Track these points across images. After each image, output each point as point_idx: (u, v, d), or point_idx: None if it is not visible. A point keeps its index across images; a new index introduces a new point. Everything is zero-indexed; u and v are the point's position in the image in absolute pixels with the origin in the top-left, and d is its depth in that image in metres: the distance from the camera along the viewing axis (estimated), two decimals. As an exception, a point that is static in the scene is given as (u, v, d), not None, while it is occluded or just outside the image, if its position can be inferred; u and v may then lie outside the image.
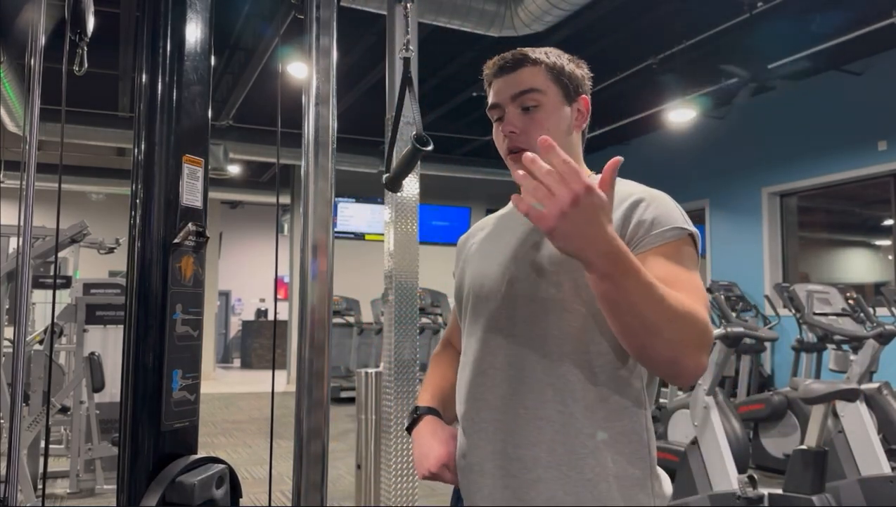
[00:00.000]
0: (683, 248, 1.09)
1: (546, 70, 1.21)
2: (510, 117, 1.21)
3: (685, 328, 0.96)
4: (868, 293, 7.36)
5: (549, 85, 1.21)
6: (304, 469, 1.22)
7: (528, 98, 1.20)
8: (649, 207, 1.12)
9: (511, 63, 1.22)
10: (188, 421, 1.30)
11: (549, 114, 1.20)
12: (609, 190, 0.94)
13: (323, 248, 1.24)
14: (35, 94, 1.49)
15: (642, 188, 1.18)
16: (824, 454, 3.00)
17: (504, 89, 1.22)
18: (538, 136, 1.07)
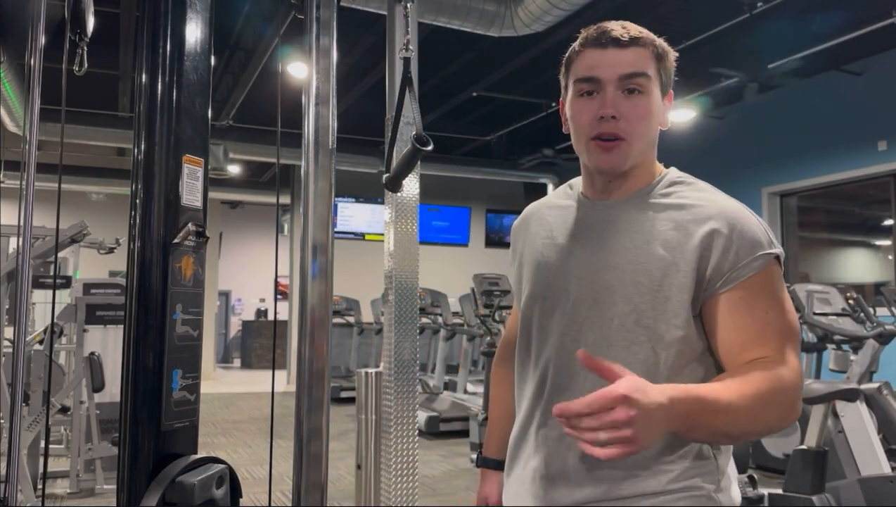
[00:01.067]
0: (769, 276, 1.03)
1: (653, 56, 1.12)
2: (612, 99, 1.09)
3: (771, 411, 0.96)
4: (868, 293, 7.36)
5: (655, 73, 1.12)
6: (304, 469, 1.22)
7: (636, 82, 1.10)
8: (731, 238, 1.04)
9: (626, 38, 1.10)
10: (188, 421, 1.31)
11: (651, 103, 1.12)
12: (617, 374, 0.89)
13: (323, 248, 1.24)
14: (35, 94, 1.49)
15: (717, 203, 1.09)
16: (824, 454, 3.00)
17: (609, 65, 1.10)
18: (639, 126, 1.10)
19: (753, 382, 0.95)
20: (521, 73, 7.58)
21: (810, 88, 7.47)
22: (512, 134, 9.70)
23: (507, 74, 7.56)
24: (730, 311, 1.02)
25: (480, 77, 7.72)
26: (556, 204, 1.28)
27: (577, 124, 1.14)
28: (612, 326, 1.08)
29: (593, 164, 1.14)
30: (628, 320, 1.07)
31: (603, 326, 1.09)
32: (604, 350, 1.07)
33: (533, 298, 1.20)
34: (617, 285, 1.08)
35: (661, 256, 1.07)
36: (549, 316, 1.15)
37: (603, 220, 1.15)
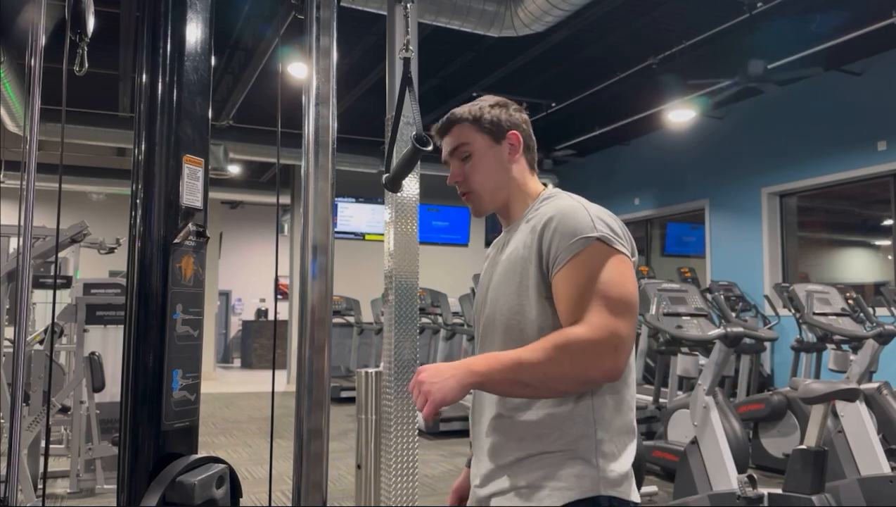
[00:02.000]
0: (592, 254, 1.24)
1: (469, 124, 1.43)
2: (453, 170, 1.45)
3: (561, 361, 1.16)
4: (868, 293, 7.37)
5: (475, 136, 1.42)
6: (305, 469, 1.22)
7: (460, 151, 1.43)
8: (555, 226, 1.28)
9: (444, 126, 1.46)
10: (188, 421, 1.31)
11: (480, 158, 1.42)
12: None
13: (323, 248, 1.24)
14: (35, 94, 1.49)
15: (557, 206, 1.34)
16: (824, 454, 3.00)
17: (444, 149, 1.47)
18: (476, 179, 1.43)
19: (545, 340, 1.19)
20: (521, 73, 7.58)
21: (810, 88, 7.47)
22: (512, 134, 9.69)
23: (507, 74, 7.56)
24: (559, 286, 1.25)
25: (480, 77, 7.72)
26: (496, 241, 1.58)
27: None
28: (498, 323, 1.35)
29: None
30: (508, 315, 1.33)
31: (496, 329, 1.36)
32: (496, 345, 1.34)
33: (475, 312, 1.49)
34: (501, 286, 1.36)
35: (522, 254, 1.33)
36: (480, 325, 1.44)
37: (504, 244, 1.44)
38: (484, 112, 1.43)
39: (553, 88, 8.08)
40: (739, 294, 7.57)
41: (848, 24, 5.94)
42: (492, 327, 1.37)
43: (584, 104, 8.27)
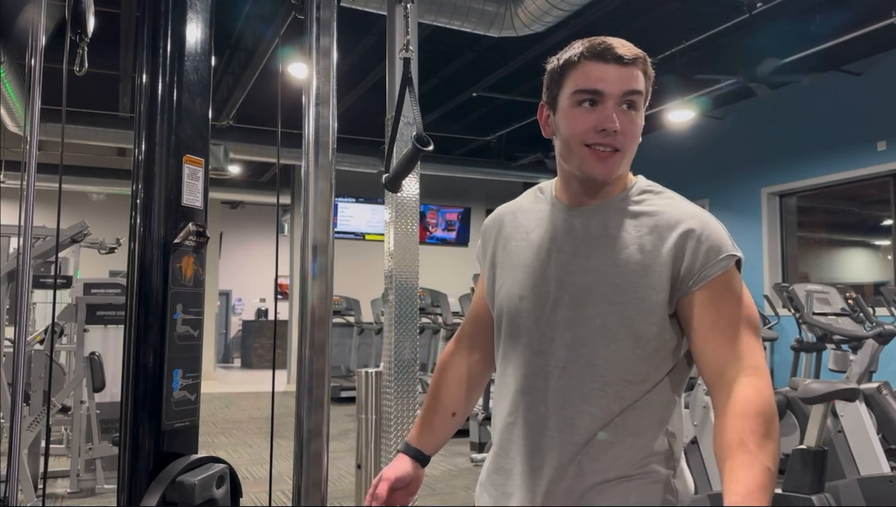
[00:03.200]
0: (733, 275, 1.16)
1: (642, 72, 1.18)
2: (616, 113, 1.15)
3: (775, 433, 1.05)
4: (867, 293, 7.37)
5: (644, 88, 1.19)
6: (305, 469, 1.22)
7: (634, 98, 1.16)
8: (701, 238, 1.14)
9: (629, 57, 1.16)
10: (188, 421, 1.31)
11: (641, 120, 1.19)
12: None
13: (323, 248, 1.24)
14: (35, 94, 1.49)
15: (685, 210, 1.18)
16: (824, 454, 3.00)
17: (613, 81, 1.15)
18: (633, 139, 1.18)
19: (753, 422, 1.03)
20: (521, 73, 7.58)
21: (810, 88, 7.47)
22: (511, 134, 9.70)
23: (507, 74, 7.56)
24: (704, 307, 1.12)
25: (480, 77, 7.72)
26: (529, 207, 1.32)
27: (573, 132, 1.18)
28: (593, 325, 1.15)
29: (585, 171, 1.19)
30: (608, 320, 1.14)
31: (581, 325, 1.16)
32: (582, 347, 1.15)
33: (510, 297, 1.25)
34: (596, 286, 1.16)
35: (637, 259, 1.15)
36: (529, 316, 1.21)
37: (581, 225, 1.21)
38: (651, 73, 1.20)
39: (553, 88, 8.07)
40: (739, 294, 7.56)
41: (848, 25, 5.94)
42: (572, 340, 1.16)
43: (584, 104, 8.26)
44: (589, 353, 1.15)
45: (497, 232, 1.34)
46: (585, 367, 1.15)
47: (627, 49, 1.17)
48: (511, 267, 1.27)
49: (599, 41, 1.17)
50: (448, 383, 1.42)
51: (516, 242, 1.28)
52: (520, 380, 1.21)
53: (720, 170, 8.78)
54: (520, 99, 8.38)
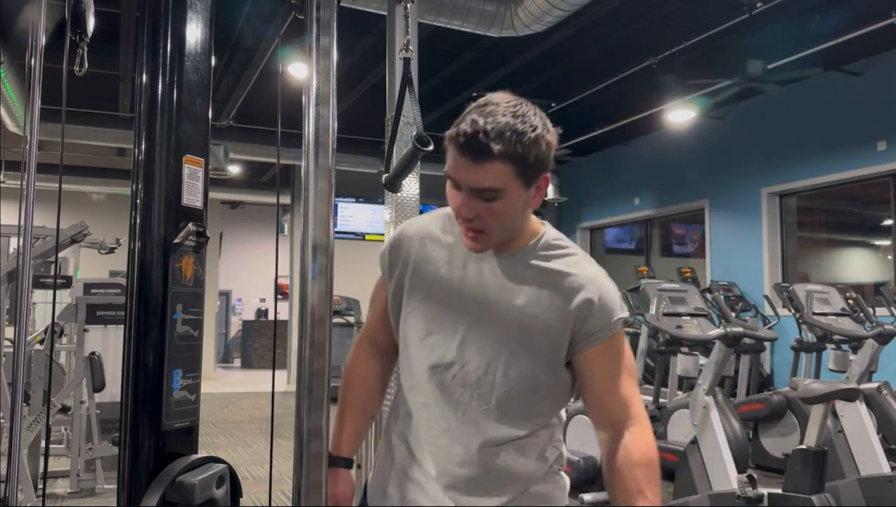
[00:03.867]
0: (621, 334, 1.31)
1: (511, 164, 1.17)
2: (468, 202, 1.20)
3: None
4: (867, 293, 7.36)
5: (512, 181, 1.18)
6: (305, 469, 1.22)
7: (487, 194, 1.19)
8: (599, 306, 1.27)
9: (476, 152, 1.16)
10: (188, 421, 1.31)
11: (508, 204, 1.21)
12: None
13: (323, 248, 1.24)
14: (35, 94, 1.49)
15: (587, 274, 1.29)
16: (824, 454, 3.00)
17: (464, 175, 1.19)
18: (495, 224, 1.23)
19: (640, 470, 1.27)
20: (521, 73, 7.57)
21: (810, 88, 7.47)
22: (512, 134, 9.69)
23: (507, 74, 7.56)
24: (597, 363, 1.29)
25: (480, 77, 7.72)
26: (438, 237, 1.36)
27: (450, 205, 1.26)
28: (497, 372, 1.27)
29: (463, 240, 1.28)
30: (511, 371, 1.26)
31: (487, 370, 1.27)
32: (486, 389, 1.27)
33: (417, 331, 1.33)
34: (502, 338, 1.27)
35: (542, 317, 1.26)
36: (434, 354, 1.30)
37: (489, 273, 1.29)
38: (530, 149, 1.18)
39: (553, 88, 8.08)
40: (739, 294, 7.56)
41: (848, 24, 5.94)
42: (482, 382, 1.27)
43: (584, 104, 8.27)
44: (491, 396, 1.27)
45: (407, 254, 1.37)
46: (486, 411, 1.27)
47: (480, 141, 1.15)
48: (420, 299, 1.33)
49: (463, 126, 1.18)
50: (362, 385, 1.45)
51: (426, 274, 1.34)
52: (421, 410, 1.33)
53: (720, 170, 8.78)
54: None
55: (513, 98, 1.24)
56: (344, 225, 11.08)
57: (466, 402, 1.28)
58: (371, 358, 1.46)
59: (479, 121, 1.16)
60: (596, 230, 11.69)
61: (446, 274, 1.32)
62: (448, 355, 1.29)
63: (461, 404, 1.28)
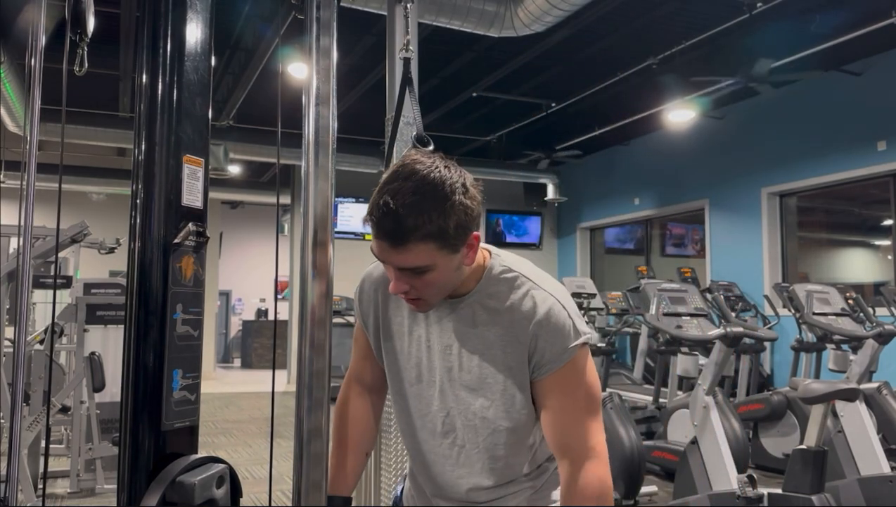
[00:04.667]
0: (576, 360, 1.27)
1: (433, 243, 1.16)
2: (399, 278, 1.21)
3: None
4: (867, 293, 7.36)
5: (437, 255, 1.18)
6: (305, 469, 1.22)
7: (417, 270, 1.19)
8: (550, 335, 1.26)
9: (393, 239, 1.16)
10: (188, 421, 1.31)
11: (439, 273, 1.21)
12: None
13: (323, 248, 1.24)
14: (35, 94, 1.49)
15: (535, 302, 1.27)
16: (824, 454, 3.00)
17: (388, 257, 1.19)
18: (430, 292, 1.25)
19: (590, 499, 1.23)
20: (521, 73, 7.57)
21: (810, 88, 7.47)
22: (512, 134, 9.70)
23: (507, 74, 7.56)
24: (552, 393, 1.28)
25: (480, 77, 7.72)
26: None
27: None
28: (477, 418, 1.32)
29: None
30: (488, 413, 1.31)
31: (467, 416, 1.33)
32: (471, 434, 1.33)
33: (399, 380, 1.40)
34: (472, 384, 1.31)
35: (501, 359, 1.29)
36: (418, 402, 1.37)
37: (448, 320, 1.32)
38: (448, 224, 1.16)
39: (553, 87, 8.08)
40: (739, 294, 7.56)
41: (848, 24, 5.94)
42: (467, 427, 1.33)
43: (584, 104, 8.27)
44: (479, 440, 1.33)
45: (376, 296, 1.42)
46: (482, 450, 1.33)
47: (402, 229, 1.14)
48: (395, 352, 1.39)
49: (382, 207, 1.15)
50: (355, 425, 1.48)
51: (397, 324, 1.39)
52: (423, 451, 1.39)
53: (720, 170, 8.78)
54: (520, 99, 8.38)
55: (427, 159, 1.21)
56: (344, 225, 11.07)
57: (460, 446, 1.34)
58: (360, 396, 1.50)
59: (391, 203, 1.14)
60: (596, 230, 11.69)
61: (413, 325, 1.36)
62: (433, 404, 1.35)
63: (455, 447, 1.35)
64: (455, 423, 1.34)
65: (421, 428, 1.38)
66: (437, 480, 1.39)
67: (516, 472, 1.36)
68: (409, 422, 1.41)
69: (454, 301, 1.32)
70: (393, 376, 1.42)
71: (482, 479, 1.35)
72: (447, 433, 1.35)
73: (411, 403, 1.39)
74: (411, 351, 1.37)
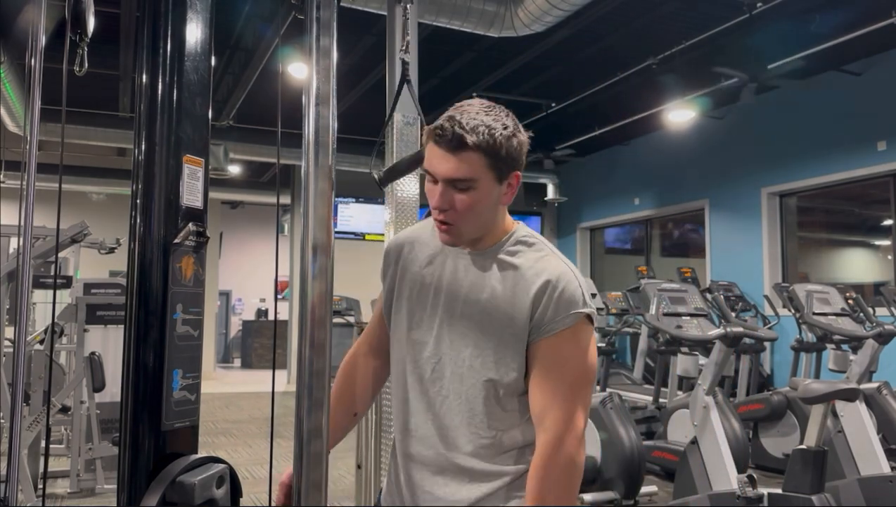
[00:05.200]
0: (579, 329, 1.28)
1: (484, 156, 1.26)
2: (443, 194, 1.28)
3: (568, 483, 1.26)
4: (867, 293, 7.36)
5: (485, 172, 1.27)
6: (305, 469, 1.22)
7: (462, 184, 1.27)
8: (556, 292, 1.28)
9: (452, 142, 1.26)
10: (188, 421, 1.31)
11: (481, 196, 1.28)
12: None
13: (323, 248, 1.24)
14: (35, 94, 1.49)
15: (550, 265, 1.31)
16: (824, 454, 3.00)
17: (440, 165, 1.28)
18: (467, 215, 1.29)
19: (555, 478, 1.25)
20: (521, 73, 7.57)
21: (810, 88, 7.47)
22: (512, 134, 9.69)
23: (507, 74, 7.56)
24: (543, 357, 1.28)
25: (480, 77, 7.72)
26: (426, 241, 1.45)
27: (428, 199, 1.33)
28: (465, 365, 1.32)
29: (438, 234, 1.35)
30: (476, 362, 1.31)
31: (457, 363, 1.33)
32: (457, 383, 1.32)
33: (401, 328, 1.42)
34: (469, 331, 1.32)
35: (504, 310, 1.30)
36: (416, 348, 1.38)
37: (463, 270, 1.36)
38: (502, 143, 1.27)
39: (553, 87, 8.08)
40: (739, 294, 7.56)
41: (848, 25, 5.94)
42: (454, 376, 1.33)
43: (584, 104, 8.27)
44: (462, 389, 1.32)
45: (397, 257, 1.47)
46: (463, 400, 1.31)
47: (455, 132, 1.26)
48: (406, 299, 1.41)
49: (447, 120, 1.29)
50: (354, 384, 1.52)
51: (412, 275, 1.42)
52: (408, 400, 1.38)
53: (720, 170, 8.78)
54: (520, 99, 8.37)
55: (488, 102, 1.34)
56: (344, 225, 11.07)
57: (444, 396, 1.33)
58: (366, 356, 1.53)
59: (456, 116, 1.29)
60: (596, 230, 11.69)
61: (428, 274, 1.40)
62: (426, 349, 1.36)
63: (440, 397, 1.34)
64: (444, 371, 1.34)
65: (410, 373, 1.38)
66: (414, 434, 1.37)
67: (499, 439, 1.32)
68: (401, 370, 1.41)
69: (475, 253, 1.36)
70: (397, 324, 1.43)
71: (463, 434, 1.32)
72: (434, 381, 1.35)
73: (406, 348, 1.40)
74: (420, 297, 1.39)
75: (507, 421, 1.32)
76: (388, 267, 1.48)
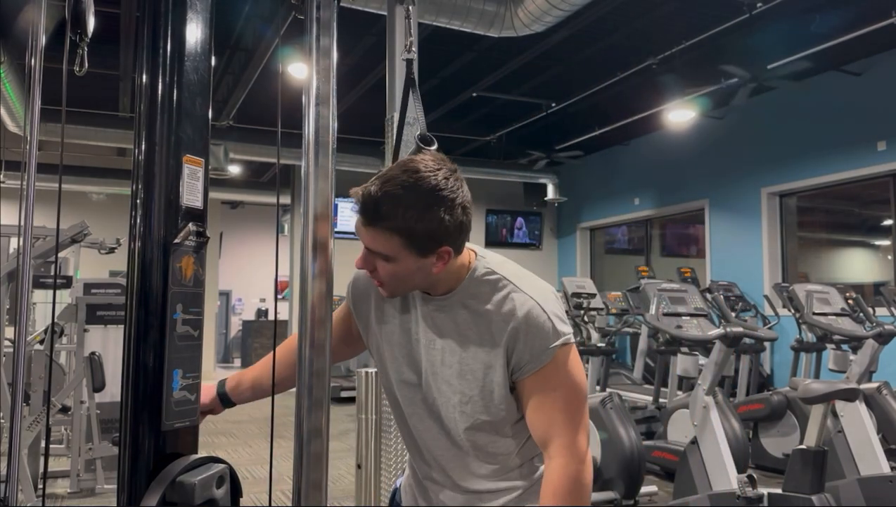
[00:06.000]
0: (557, 360, 1.29)
1: (398, 236, 1.23)
2: (365, 258, 1.29)
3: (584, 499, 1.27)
4: (867, 293, 7.36)
5: (401, 250, 1.24)
6: (305, 469, 1.22)
7: (380, 255, 1.26)
8: (528, 337, 1.28)
9: (366, 216, 1.25)
10: (188, 421, 1.31)
11: (402, 268, 1.27)
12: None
13: (323, 248, 1.24)
14: (35, 94, 1.49)
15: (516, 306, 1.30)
16: (824, 454, 3.00)
17: (359, 232, 1.28)
18: (392, 281, 1.29)
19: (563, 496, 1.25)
20: (521, 73, 7.57)
21: (810, 87, 7.47)
22: (512, 134, 9.70)
23: (507, 74, 7.56)
24: (532, 392, 1.31)
25: (480, 77, 7.72)
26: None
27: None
28: (456, 411, 1.35)
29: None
30: (466, 408, 1.34)
31: (448, 409, 1.36)
32: (453, 425, 1.36)
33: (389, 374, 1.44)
34: (453, 379, 1.34)
35: (481, 359, 1.32)
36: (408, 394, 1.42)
37: (433, 317, 1.36)
38: (416, 227, 1.22)
39: (553, 87, 8.08)
40: (739, 294, 7.57)
41: (848, 25, 5.94)
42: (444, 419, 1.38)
43: (584, 104, 8.27)
44: (460, 429, 1.36)
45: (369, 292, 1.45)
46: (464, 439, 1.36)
47: (371, 206, 1.23)
48: (388, 344, 1.43)
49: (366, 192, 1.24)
50: (290, 359, 1.48)
51: (389, 319, 1.43)
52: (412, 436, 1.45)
53: (720, 170, 8.78)
54: (520, 99, 8.38)
55: (434, 165, 1.26)
56: (344, 225, 11.02)
57: (445, 433, 1.39)
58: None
59: (373, 190, 1.24)
60: (596, 230, 11.69)
61: (404, 321, 1.41)
62: (417, 395, 1.40)
63: (441, 436, 1.39)
64: (440, 412, 1.38)
65: (411, 415, 1.43)
66: (426, 461, 1.44)
67: (505, 462, 1.39)
68: (399, 414, 1.46)
69: (440, 299, 1.35)
70: (382, 364, 1.46)
71: (471, 462, 1.38)
72: (432, 426, 1.40)
73: (399, 394, 1.44)
74: (402, 341, 1.41)
75: (510, 445, 1.37)
76: (359, 302, 1.48)
